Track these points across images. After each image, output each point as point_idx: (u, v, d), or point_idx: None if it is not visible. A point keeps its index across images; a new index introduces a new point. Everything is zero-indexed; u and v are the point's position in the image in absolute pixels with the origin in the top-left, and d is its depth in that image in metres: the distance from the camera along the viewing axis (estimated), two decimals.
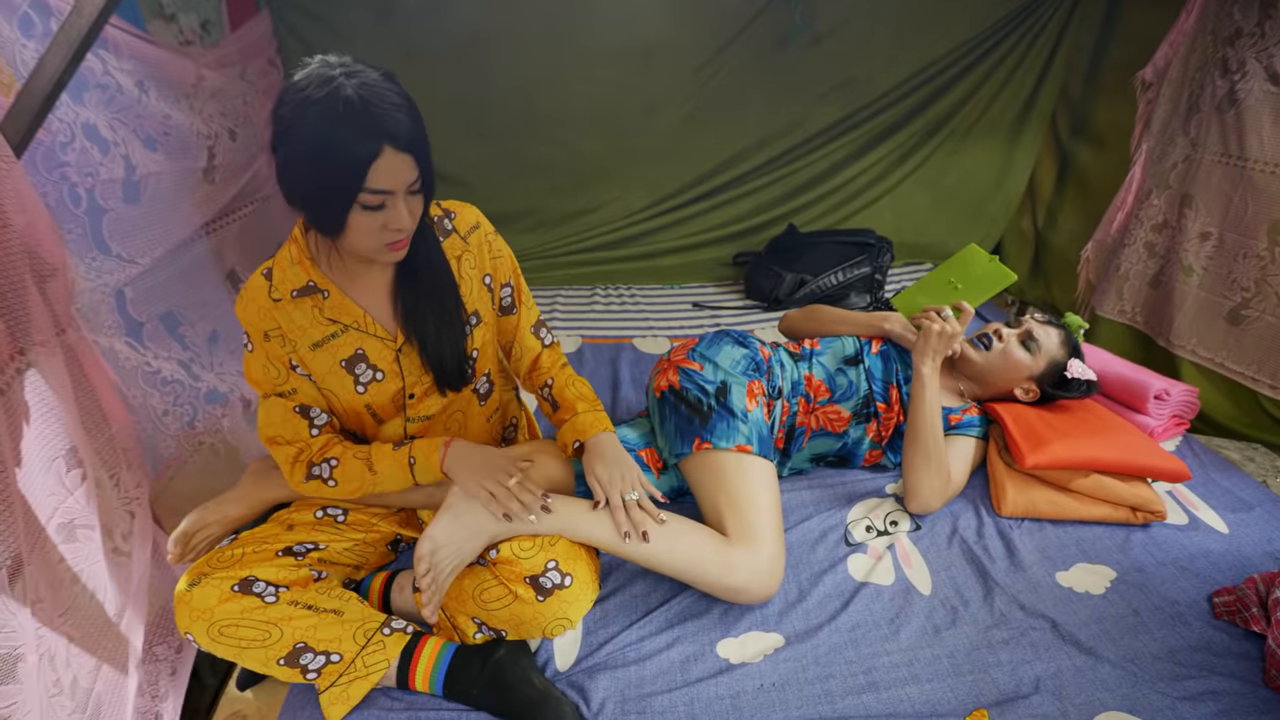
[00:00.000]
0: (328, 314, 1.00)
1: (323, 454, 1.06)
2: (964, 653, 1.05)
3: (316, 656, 0.96)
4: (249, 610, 0.96)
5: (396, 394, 1.06)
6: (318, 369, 1.01)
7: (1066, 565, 1.21)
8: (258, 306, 0.99)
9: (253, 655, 0.96)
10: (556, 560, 1.03)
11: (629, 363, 1.93)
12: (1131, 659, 1.03)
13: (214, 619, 0.96)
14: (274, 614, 0.97)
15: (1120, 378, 1.55)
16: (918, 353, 1.30)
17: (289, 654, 0.96)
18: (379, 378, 1.04)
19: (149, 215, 1.38)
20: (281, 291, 0.98)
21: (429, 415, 1.12)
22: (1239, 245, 1.77)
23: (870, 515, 1.31)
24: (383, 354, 1.03)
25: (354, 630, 0.98)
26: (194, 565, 1.02)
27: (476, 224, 1.10)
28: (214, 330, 1.54)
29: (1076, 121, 2.40)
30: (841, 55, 2.31)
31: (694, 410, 1.23)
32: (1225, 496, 1.37)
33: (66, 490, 0.96)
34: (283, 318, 0.99)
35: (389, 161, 0.82)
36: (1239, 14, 1.75)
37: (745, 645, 1.06)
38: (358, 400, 1.04)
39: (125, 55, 1.31)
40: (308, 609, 0.99)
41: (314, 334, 1.00)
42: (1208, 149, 1.84)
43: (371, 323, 1.01)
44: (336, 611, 1.00)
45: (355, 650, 0.97)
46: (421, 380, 1.07)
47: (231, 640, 0.96)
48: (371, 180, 0.82)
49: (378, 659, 0.97)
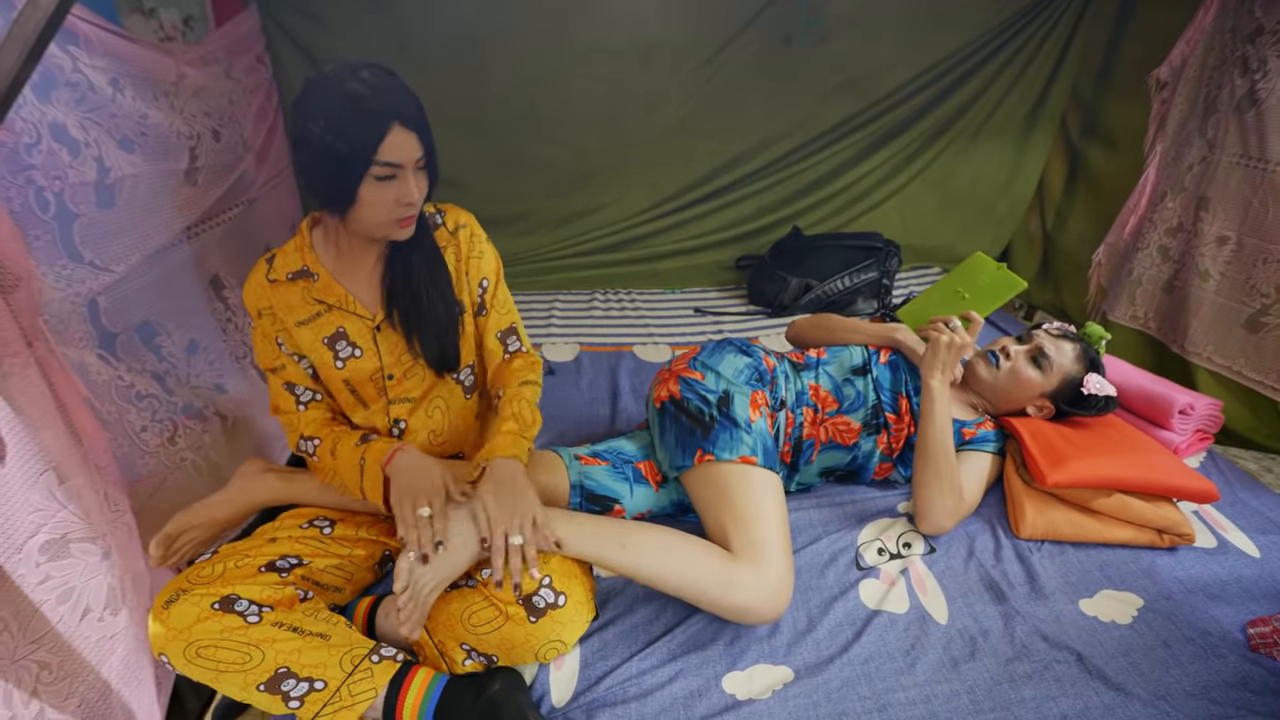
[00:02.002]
0: (314, 295, 1.08)
1: (310, 431, 1.14)
2: (984, 688, 0.99)
3: (300, 683, 0.90)
4: (229, 630, 0.91)
5: (375, 373, 1.12)
6: (304, 345, 1.10)
7: (1090, 592, 1.15)
8: (255, 287, 1.10)
9: (231, 679, 0.91)
10: (550, 577, 0.98)
11: (629, 371, 1.87)
12: (1163, 695, 0.97)
13: (192, 638, 0.90)
14: (256, 635, 0.91)
15: (1142, 391, 1.49)
16: (925, 366, 1.24)
17: (270, 679, 0.90)
18: (357, 354, 1.11)
19: (125, 220, 1.31)
20: (278, 274, 1.09)
21: (411, 398, 1.16)
22: (1259, 250, 1.71)
23: (882, 537, 1.25)
24: (361, 332, 1.10)
25: (341, 656, 0.93)
26: (171, 582, 0.97)
27: (464, 224, 1.16)
28: (192, 340, 1.48)
29: (1088, 121, 2.34)
30: (847, 53, 2.24)
31: (695, 421, 1.17)
32: (1255, 517, 1.31)
33: (59, 504, 0.91)
34: (275, 297, 1.09)
35: (398, 137, 0.92)
36: (1260, 10, 1.69)
37: (753, 679, 1.00)
38: (337, 376, 1.11)
39: (98, 51, 1.24)
40: (293, 631, 0.93)
41: (300, 312, 1.09)
42: (1226, 150, 1.78)
43: (352, 302, 1.09)
44: (323, 635, 0.95)
45: (341, 678, 0.91)
46: (401, 361, 1.12)
47: (209, 662, 0.90)
48: (382, 153, 0.92)
49: (365, 687, 0.91)
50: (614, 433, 1.60)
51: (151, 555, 1.08)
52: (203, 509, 1.14)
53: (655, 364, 1.94)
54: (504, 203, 2.41)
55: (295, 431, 1.14)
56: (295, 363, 1.12)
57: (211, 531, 1.14)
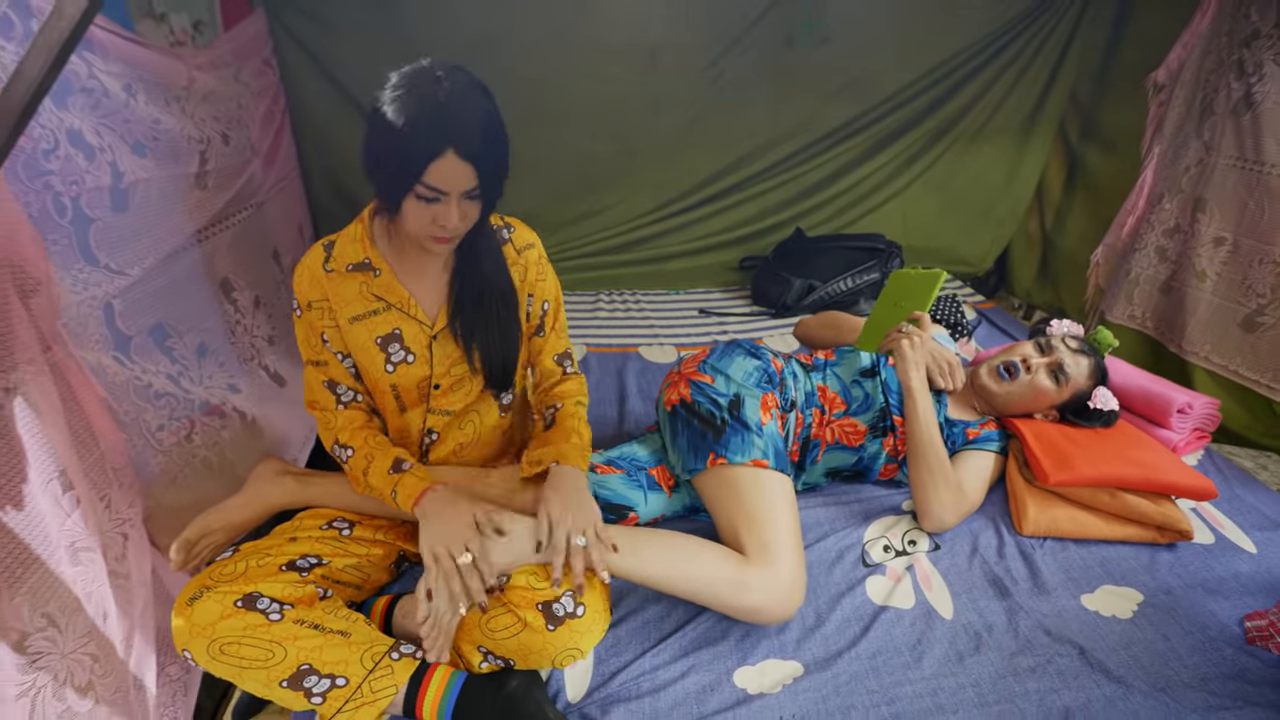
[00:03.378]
0: (374, 290, 1.05)
1: (346, 436, 1.11)
2: (989, 682, 1.01)
3: (321, 679, 0.92)
4: (252, 627, 0.92)
5: (423, 381, 1.10)
6: (354, 342, 1.07)
7: (1092, 587, 1.17)
8: (310, 275, 1.05)
9: (253, 676, 0.92)
10: (570, 590, 0.99)
11: (635, 372, 1.88)
12: (1163, 688, 0.99)
13: (215, 635, 0.92)
14: (278, 632, 0.93)
15: (1142, 390, 1.51)
16: (901, 373, 1.27)
17: (292, 676, 0.91)
18: (409, 360, 1.08)
19: (138, 224, 1.32)
20: (337, 264, 1.05)
21: (450, 410, 1.14)
22: (1255, 251, 1.74)
23: (888, 534, 1.27)
24: (418, 338, 1.07)
25: (361, 653, 0.94)
26: (194, 579, 0.99)
27: (532, 244, 1.15)
28: (202, 343, 1.48)
29: (1086, 124, 2.36)
30: (849, 55, 2.26)
31: (707, 424, 1.19)
32: (1251, 514, 1.34)
33: (64, 512, 0.92)
34: (331, 288, 1.05)
35: (449, 164, 0.88)
36: (1256, 15, 1.72)
37: (763, 674, 1.02)
38: (385, 379, 1.08)
39: (112, 57, 1.25)
40: (314, 628, 0.95)
41: (356, 307, 1.05)
42: (1222, 153, 1.80)
43: (414, 305, 1.06)
44: (344, 633, 0.96)
45: (363, 674, 0.93)
46: (451, 373, 1.10)
47: (232, 659, 0.91)
48: (429, 176, 0.88)
49: (385, 684, 0.93)
50: (622, 434, 1.62)
51: (173, 560, 1.09)
52: (220, 513, 1.14)
53: (661, 365, 1.96)
54: (508, 204, 2.33)
55: (331, 431, 1.12)
56: (339, 361, 1.09)
57: (230, 535, 1.15)
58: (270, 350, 1.82)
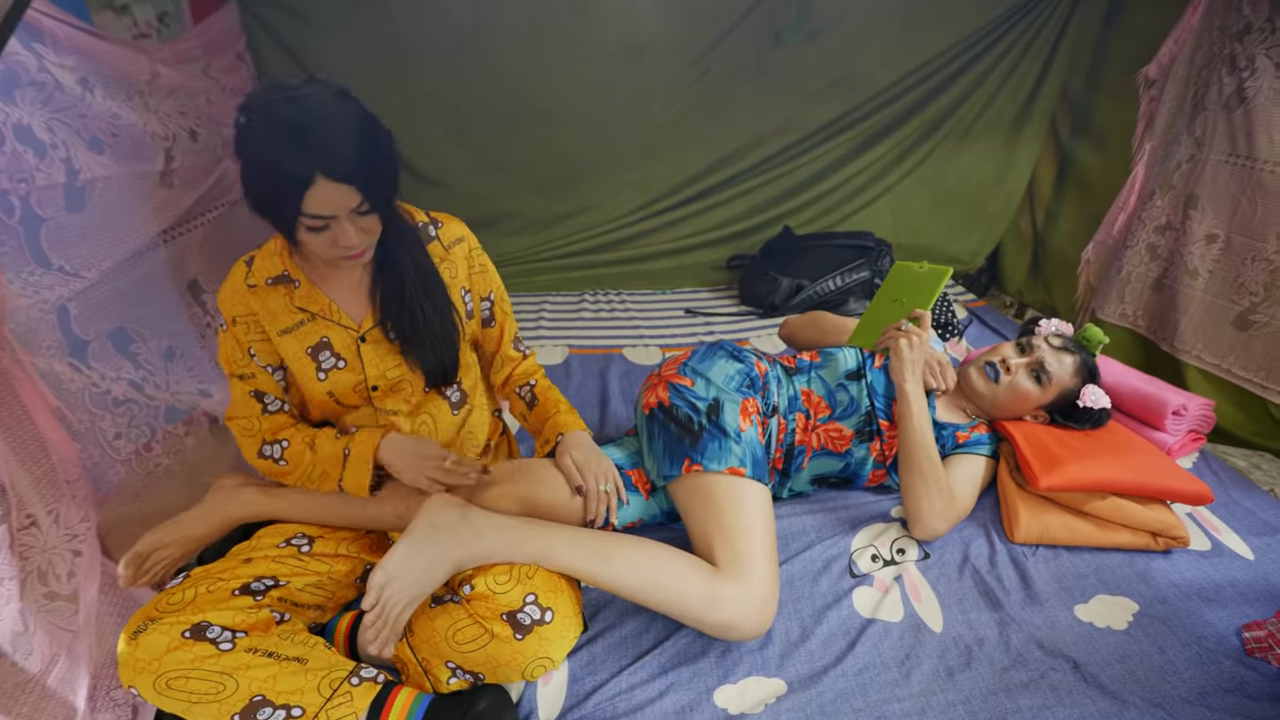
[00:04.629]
0: (297, 302, 1.04)
1: (274, 434, 1.11)
2: (980, 698, 0.97)
3: (275, 711, 0.87)
4: (201, 659, 0.87)
5: (358, 384, 1.09)
6: (287, 354, 1.06)
7: (1085, 597, 1.14)
8: (232, 290, 1.05)
9: (203, 711, 0.87)
10: (536, 594, 0.95)
11: (618, 374, 1.84)
12: (1159, 703, 0.96)
13: (161, 670, 0.87)
14: (229, 663, 0.88)
15: (1135, 391, 1.48)
16: (895, 372, 1.22)
17: (244, 708, 0.87)
18: (340, 366, 1.07)
19: (96, 223, 1.27)
20: (258, 278, 1.04)
21: (396, 411, 1.13)
22: (1247, 248, 1.71)
23: (876, 543, 1.23)
24: (345, 343, 1.06)
25: (319, 680, 0.90)
26: (140, 610, 0.93)
27: (462, 238, 1.13)
28: (169, 347, 1.43)
29: (1077, 120, 2.34)
30: (838, 51, 2.23)
31: (684, 429, 1.15)
32: (1248, 518, 1.31)
33: None
34: (257, 303, 1.04)
35: (323, 190, 0.84)
36: (1248, 9, 1.69)
37: (745, 692, 0.98)
38: (319, 388, 1.07)
39: (66, 50, 1.20)
40: (268, 656, 0.90)
41: (284, 320, 1.04)
42: (1214, 149, 1.78)
43: (337, 311, 1.05)
44: (300, 659, 0.91)
45: (319, 703, 0.88)
46: (386, 375, 1.09)
47: (180, 694, 0.87)
48: (308, 206, 0.85)
49: (344, 712, 0.88)
50: (603, 438, 1.57)
51: (121, 575, 1.03)
52: (175, 526, 1.09)
53: (645, 366, 1.92)
54: (491, 202, 2.37)
55: (255, 438, 1.10)
56: (268, 373, 1.08)
57: (185, 549, 1.09)
58: None
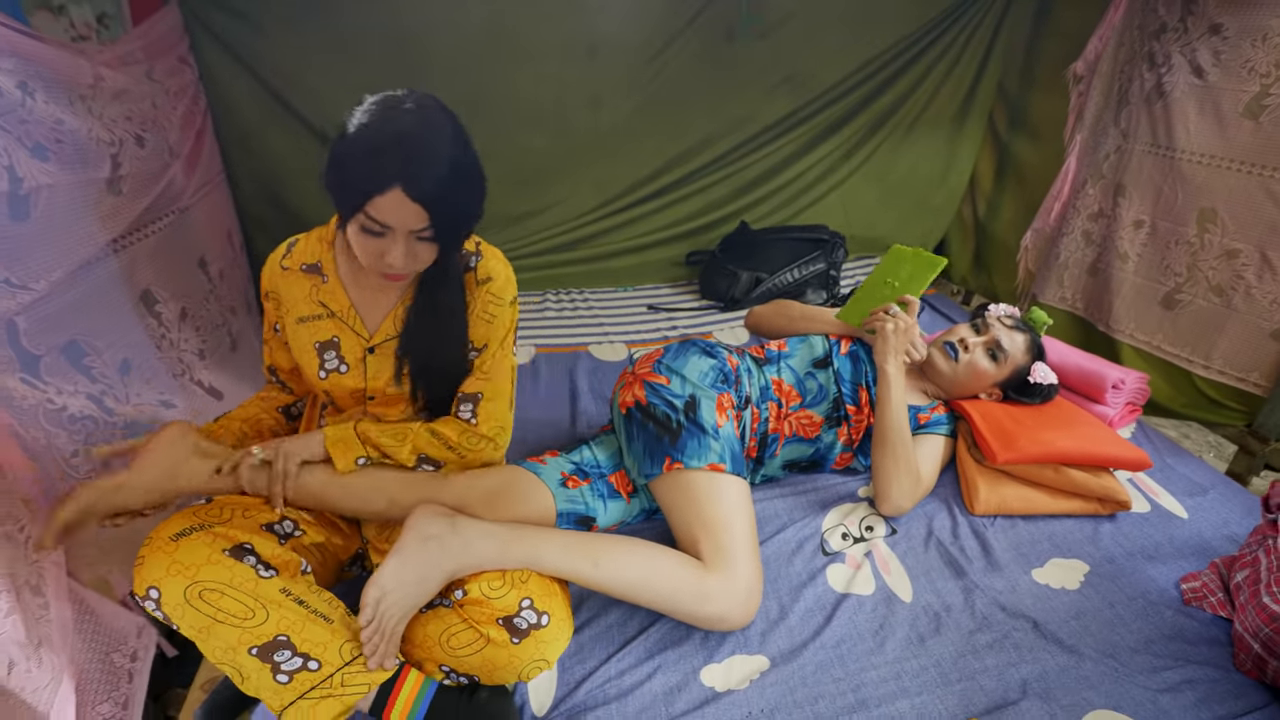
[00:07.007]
0: (319, 296, 1.04)
1: None
2: (950, 660, 1.03)
3: (294, 657, 0.85)
4: (240, 579, 0.85)
5: (356, 391, 1.08)
6: (296, 343, 1.07)
7: (1041, 561, 1.21)
8: (270, 266, 1.08)
9: (223, 634, 0.84)
10: (531, 598, 0.96)
11: (586, 371, 1.86)
12: (1111, 654, 1.04)
13: (198, 577, 0.84)
14: (264, 592, 0.86)
15: (1078, 369, 1.57)
16: (879, 354, 1.28)
17: (266, 644, 0.84)
18: (342, 370, 1.07)
19: (42, 233, 1.22)
20: (293, 261, 1.06)
21: (387, 419, 1.12)
22: (1171, 233, 1.83)
23: (845, 522, 1.28)
24: (353, 349, 1.06)
25: (341, 643, 0.89)
26: (178, 514, 0.90)
27: (491, 278, 1.07)
28: (125, 359, 1.38)
29: (1014, 115, 2.45)
30: (788, 49, 2.28)
31: (662, 428, 1.17)
32: (1181, 481, 1.41)
33: None
34: (283, 285, 1.05)
35: (395, 200, 0.84)
36: (1163, 9, 1.81)
37: (730, 670, 1.02)
38: (318, 384, 1.08)
39: (4, 52, 1.15)
40: (298, 603, 0.88)
41: (303, 309, 1.05)
42: (1138, 140, 1.90)
43: (354, 316, 1.05)
44: (325, 617, 0.90)
45: (339, 664, 0.87)
46: (386, 391, 1.08)
47: (208, 609, 0.84)
48: (372, 208, 0.85)
49: (359, 681, 0.88)
50: (574, 435, 1.59)
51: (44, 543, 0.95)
52: (113, 491, 0.96)
53: (612, 363, 1.94)
54: None
55: None
56: (284, 350, 1.12)
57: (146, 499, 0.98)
58: (202, 365, 1.71)
